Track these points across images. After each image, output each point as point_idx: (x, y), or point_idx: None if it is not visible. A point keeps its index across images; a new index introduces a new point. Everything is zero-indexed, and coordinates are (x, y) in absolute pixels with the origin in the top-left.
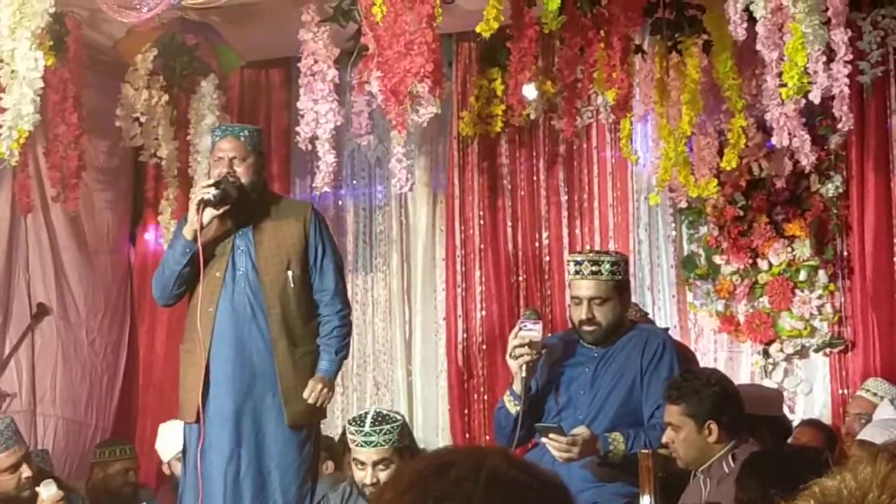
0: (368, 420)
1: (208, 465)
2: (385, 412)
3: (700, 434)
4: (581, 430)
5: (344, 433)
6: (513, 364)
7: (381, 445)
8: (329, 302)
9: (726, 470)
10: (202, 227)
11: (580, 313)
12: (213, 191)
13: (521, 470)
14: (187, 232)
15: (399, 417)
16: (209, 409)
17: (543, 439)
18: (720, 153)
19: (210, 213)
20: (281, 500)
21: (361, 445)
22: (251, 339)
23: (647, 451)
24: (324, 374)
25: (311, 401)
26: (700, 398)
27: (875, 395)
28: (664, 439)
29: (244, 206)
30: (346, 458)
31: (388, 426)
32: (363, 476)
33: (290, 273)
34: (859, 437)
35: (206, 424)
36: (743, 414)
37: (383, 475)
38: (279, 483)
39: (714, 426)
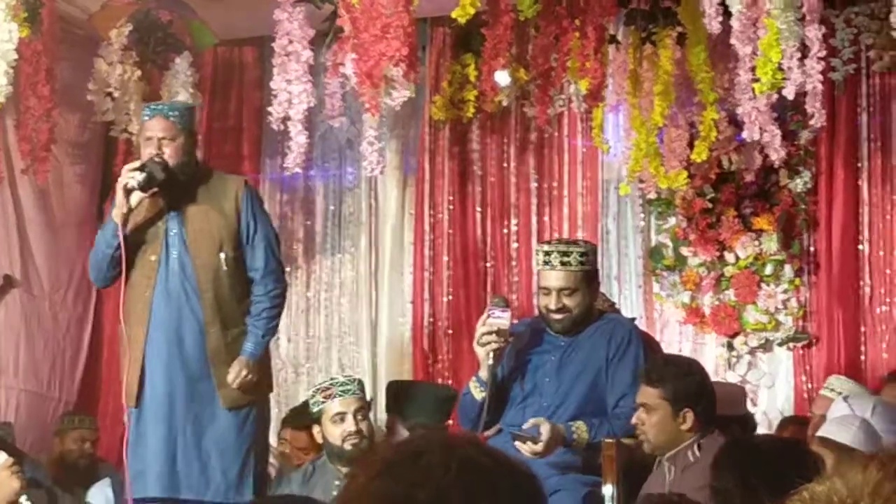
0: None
1: (144, 449)
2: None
3: (675, 420)
4: (544, 429)
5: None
6: (480, 351)
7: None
8: (260, 281)
9: (692, 459)
10: (130, 211)
11: (549, 303)
12: (137, 175)
13: (492, 458)
14: (116, 216)
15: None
16: (145, 393)
17: (516, 443)
18: (691, 145)
19: (137, 196)
20: (223, 483)
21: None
22: (185, 323)
23: (610, 440)
24: (248, 356)
25: (234, 385)
26: (680, 384)
27: (839, 393)
28: (633, 420)
29: (174, 188)
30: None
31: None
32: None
33: (222, 255)
34: (818, 434)
35: (142, 409)
36: (714, 408)
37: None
38: (219, 465)
39: (689, 414)
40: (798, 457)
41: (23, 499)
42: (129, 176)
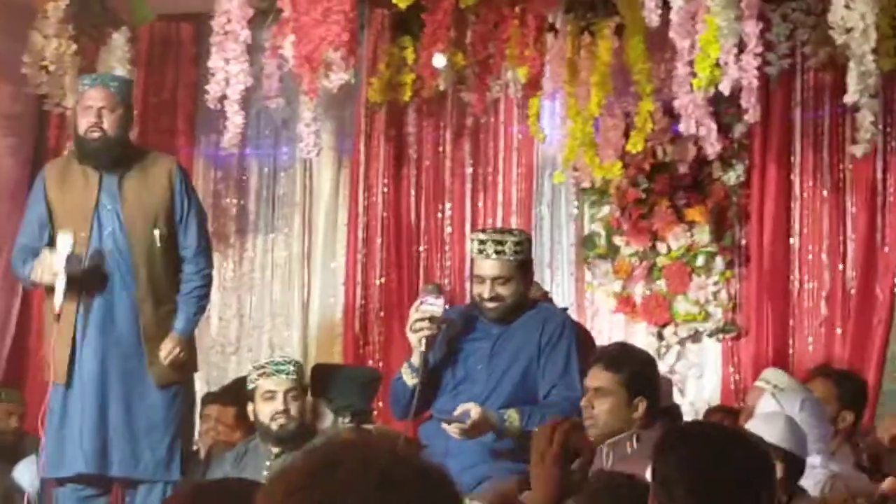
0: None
1: (71, 427)
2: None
3: (628, 407)
4: (474, 412)
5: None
6: (412, 337)
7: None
8: (191, 259)
9: (628, 451)
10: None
11: (483, 291)
12: (60, 286)
13: (410, 467)
14: (36, 277)
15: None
16: (75, 370)
17: (443, 424)
18: (626, 135)
19: (59, 297)
20: (151, 461)
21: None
22: (118, 300)
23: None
24: (180, 333)
25: (165, 363)
26: (637, 371)
27: (770, 384)
28: (583, 403)
29: (109, 161)
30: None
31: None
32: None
33: (156, 232)
34: (746, 427)
35: (71, 387)
36: (659, 402)
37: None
38: (148, 443)
39: (643, 404)
40: (741, 445)
41: None
42: (49, 279)
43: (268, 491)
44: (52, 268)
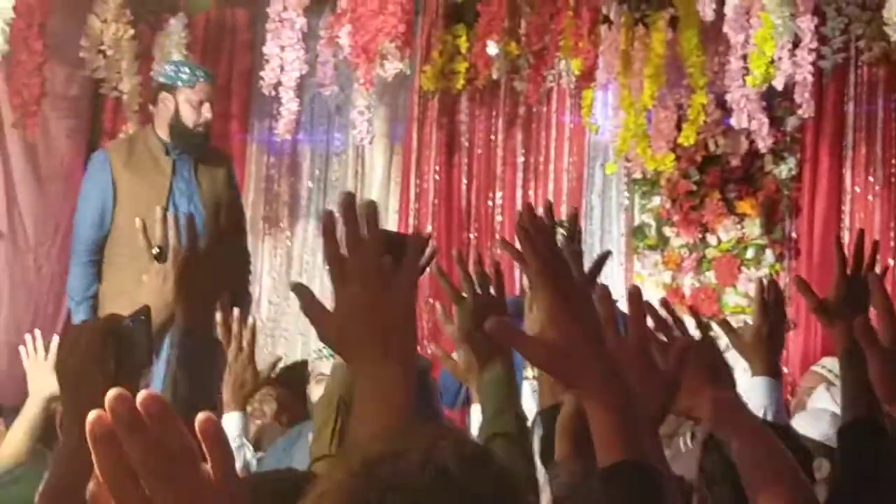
0: None
1: None
2: None
3: None
4: None
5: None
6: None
7: None
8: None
9: (682, 448)
10: None
11: None
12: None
13: (473, 467)
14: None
15: None
16: None
17: None
18: (678, 127)
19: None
20: None
21: None
22: None
23: None
24: None
25: None
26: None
27: (830, 371)
28: None
29: (194, 150)
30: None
31: None
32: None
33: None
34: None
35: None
36: None
37: None
38: None
39: None
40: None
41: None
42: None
43: (329, 471)
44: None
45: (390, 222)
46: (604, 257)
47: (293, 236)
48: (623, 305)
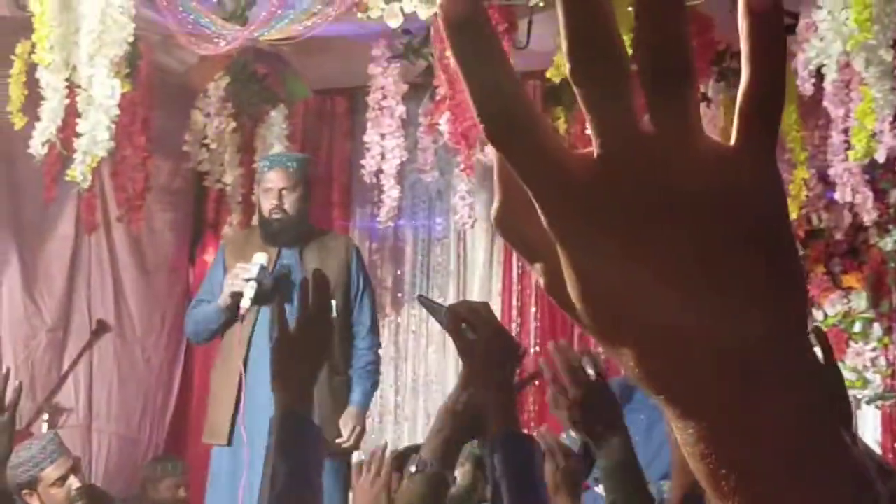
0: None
1: (233, 487)
2: None
3: None
4: None
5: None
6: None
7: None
8: (365, 336)
9: None
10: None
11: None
12: (249, 291)
13: None
14: (222, 304)
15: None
16: (249, 431)
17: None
18: None
19: (246, 303)
20: None
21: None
22: None
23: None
24: (357, 406)
25: (351, 442)
26: None
27: None
28: None
29: (290, 239)
30: None
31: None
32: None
33: (333, 303)
34: None
35: (231, 444)
36: None
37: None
38: None
39: None
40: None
41: None
42: (240, 286)
43: None
44: (246, 272)
45: (494, 305)
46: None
47: (398, 321)
48: None
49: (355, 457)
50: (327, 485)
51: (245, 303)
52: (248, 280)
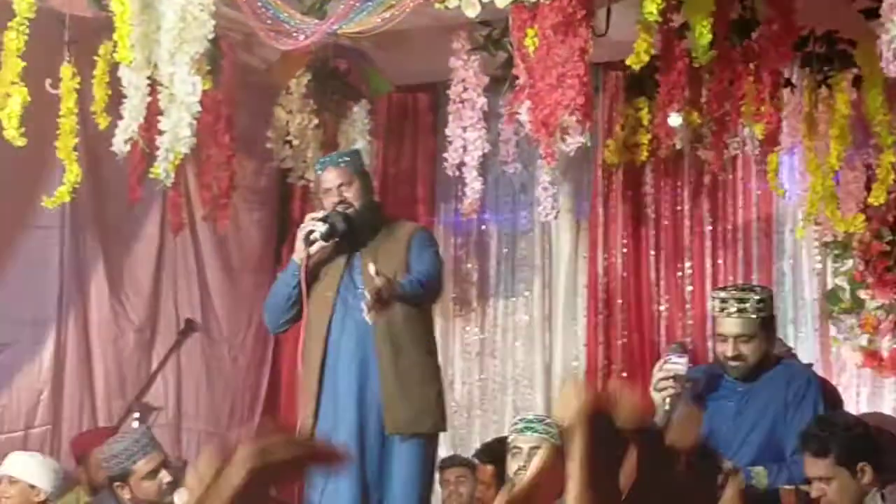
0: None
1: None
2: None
3: (855, 479)
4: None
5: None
6: (656, 396)
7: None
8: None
9: None
10: (309, 258)
11: (726, 350)
12: (320, 226)
13: None
14: (297, 258)
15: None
16: (322, 427)
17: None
18: (867, 187)
19: (318, 245)
20: None
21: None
22: (364, 358)
23: (790, 487)
24: (396, 283)
25: (371, 272)
26: (847, 444)
27: None
28: (813, 494)
29: (360, 228)
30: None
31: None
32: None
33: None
34: None
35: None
36: (891, 453)
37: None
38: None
39: (867, 467)
40: None
41: None
42: (312, 226)
43: None
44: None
45: (579, 298)
46: None
47: (483, 315)
48: (819, 370)
49: (443, 450)
50: (410, 467)
51: (315, 238)
52: (318, 220)
